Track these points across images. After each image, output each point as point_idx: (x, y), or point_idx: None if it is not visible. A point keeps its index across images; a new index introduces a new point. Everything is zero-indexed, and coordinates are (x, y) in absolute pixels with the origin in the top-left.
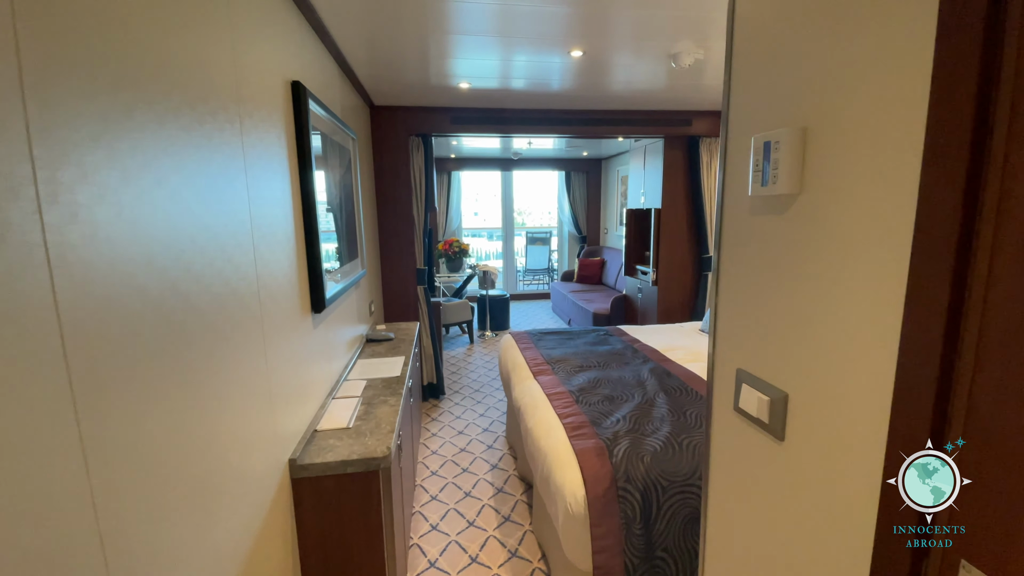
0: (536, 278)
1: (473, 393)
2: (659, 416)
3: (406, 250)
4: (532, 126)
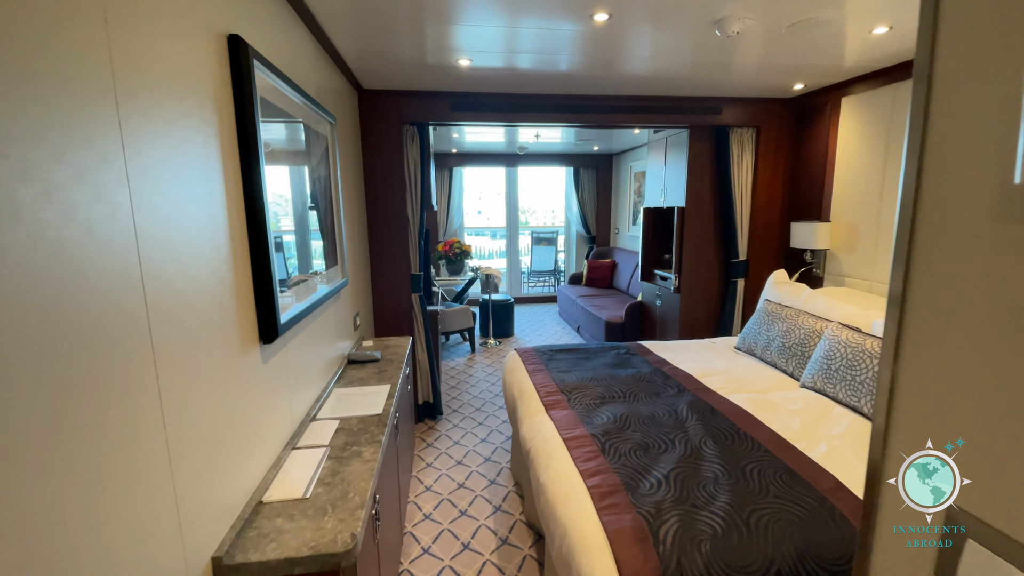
0: (542, 280)
1: (474, 413)
2: (711, 475)
3: (399, 254)
4: (540, 113)
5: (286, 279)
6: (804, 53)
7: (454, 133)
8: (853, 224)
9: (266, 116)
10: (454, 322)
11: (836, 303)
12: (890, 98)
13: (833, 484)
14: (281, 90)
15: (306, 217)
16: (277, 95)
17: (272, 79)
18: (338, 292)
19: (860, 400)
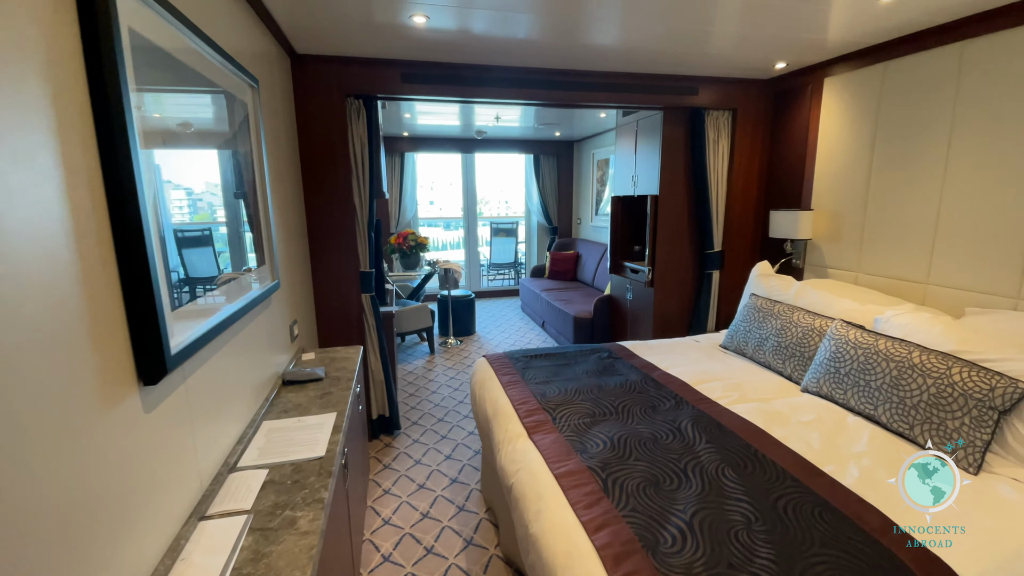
0: (502, 273)
1: (436, 424)
2: (741, 518)
3: (345, 249)
4: (501, 88)
5: (214, 277)
6: (791, 23)
7: (406, 114)
8: (837, 213)
9: (167, 82)
10: (410, 322)
11: (831, 297)
12: (879, 78)
13: (880, 522)
14: (178, 37)
15: (236, 208)
16: (143, 21)
17: (160, 15)
18: (267, 297)
19: (876, 408)
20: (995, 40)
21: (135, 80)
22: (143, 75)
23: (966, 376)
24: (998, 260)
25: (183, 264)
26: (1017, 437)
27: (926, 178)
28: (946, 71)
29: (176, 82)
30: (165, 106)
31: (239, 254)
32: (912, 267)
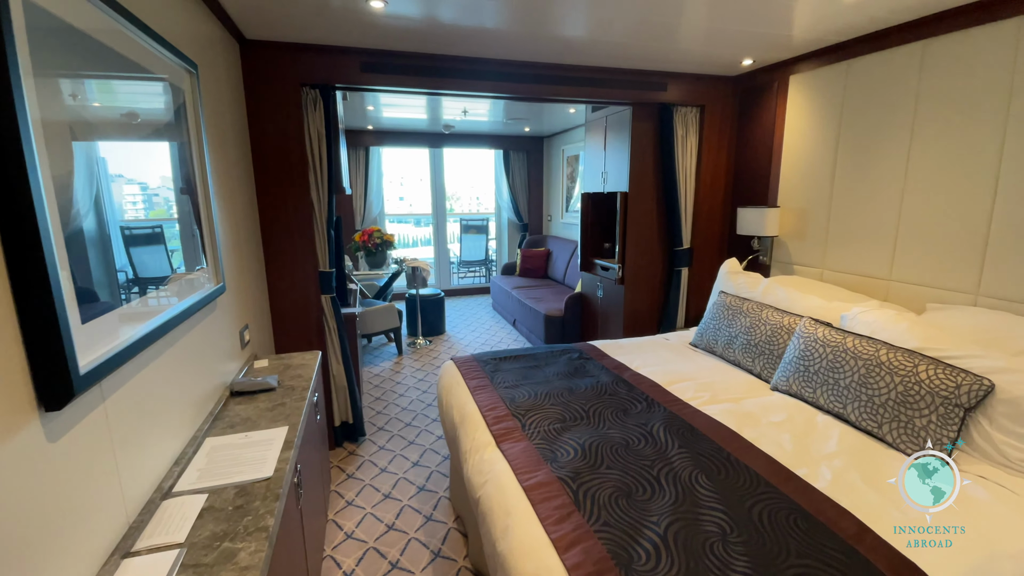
0: (473, 271)
1: (404, 430)
2: (716, 529)
3: (302, 248)
4: (467, 81)
5: (164, 279)
6: (758, 18)
7: (369, 106)
8: (803, 210)
9: (88, 67)
10: (376, 322)
11: (798, 294)
12: (843, 76)
13: (855, 527)
14: (98, 15)
15: (187, 204)
16: (92, 23)
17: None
18: (212, 301)
19: (845, 407)
20: (955, 39)
21: (37, 63)
22: (52, 58)
23: (932, 374)
24: (957, 257)
25: (131, 263)
26: (983, 434)
27: (888, 176)
28: (908, 70)
29: (99, 67)
30: (110, 95)
31: (193, 253)
32: (875, 264)
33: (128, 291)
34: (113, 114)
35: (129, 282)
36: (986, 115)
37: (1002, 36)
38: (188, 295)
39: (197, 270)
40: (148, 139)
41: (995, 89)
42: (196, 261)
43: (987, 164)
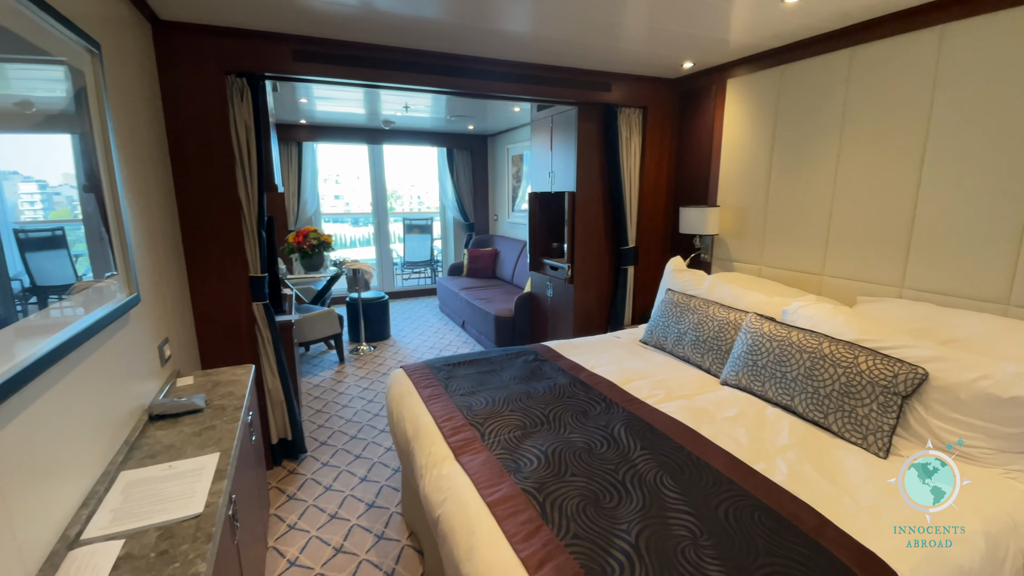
0: (417, 272)
1: (349, 443)
2: (686, 532)
3: (231, 250)
4: (408, 74)
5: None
6: (696, 21)
7: (302, 98)
8: (741, 209)
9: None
10: (315, 330)
11: (741, 290)
12: (777, 80)
13: (815, 520)
14: None
15: (93, 204)
16: None
17: None
18: (124, 314)
19: (793, 399)
20: (880, 47)
21: None
22: None
23: (871, 364)
24: (884, 252)
25: (28, 270)
26: (918, 419)
27: (820, 177)
28: (837, 76)
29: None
30: None
31: (102, 258)
32: (809, 260)
33: (25, 302)
34: (3, 102)
35: (25, 291)
36: (909, 119)
37: (923, 44)
38: (96, 307)
39: (107, 277)
40: (45, 131)
41: (917, 95)
42: (105, 267)
43: (910, 166)
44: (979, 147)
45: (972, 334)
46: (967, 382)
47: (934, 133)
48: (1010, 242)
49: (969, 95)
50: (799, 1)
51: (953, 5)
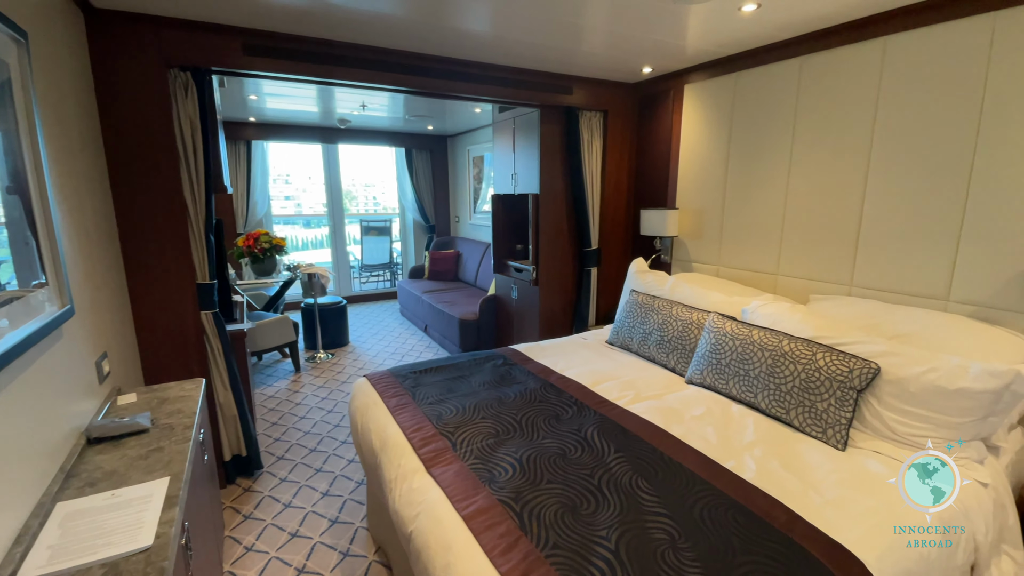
0: (376, 275)
1: (309, 456)
2: (665, 536)
3: (176, 256)
4: (364, 71)
5: None
6: (655, 26)
7: (251, 95)
8: (699, 211)
9: None
10: (269, 338)
11: (702, 291)
12: (732, 87)
13: (786, 515)
14: None
15: (18, 207)
16: None
17: None
18: (56, 328)
19: (756, 396)
20: (828, 57)
21: None
22: None
23: (828, 360)
24: (833, 252)
25: None
26: (872, 412)
27: (774, 180)
28: (788, 84)
29: None
30: None
31: (28, 265)
32: (764, 260)
33: None
34: None
35: None
36: (856, 126)
37: (868, 55)
38: (23, 321)
39: (34, 286)
40: None
41: (862, 103)
42: (33, 275)
43: (857, 171)
44: (918, 153)
45: (917, 329)
46: (916, 375)
47: (878, 139)
48: (948, 242)
49: (910, 103)
50: (754, 11)
51: (894, 18)
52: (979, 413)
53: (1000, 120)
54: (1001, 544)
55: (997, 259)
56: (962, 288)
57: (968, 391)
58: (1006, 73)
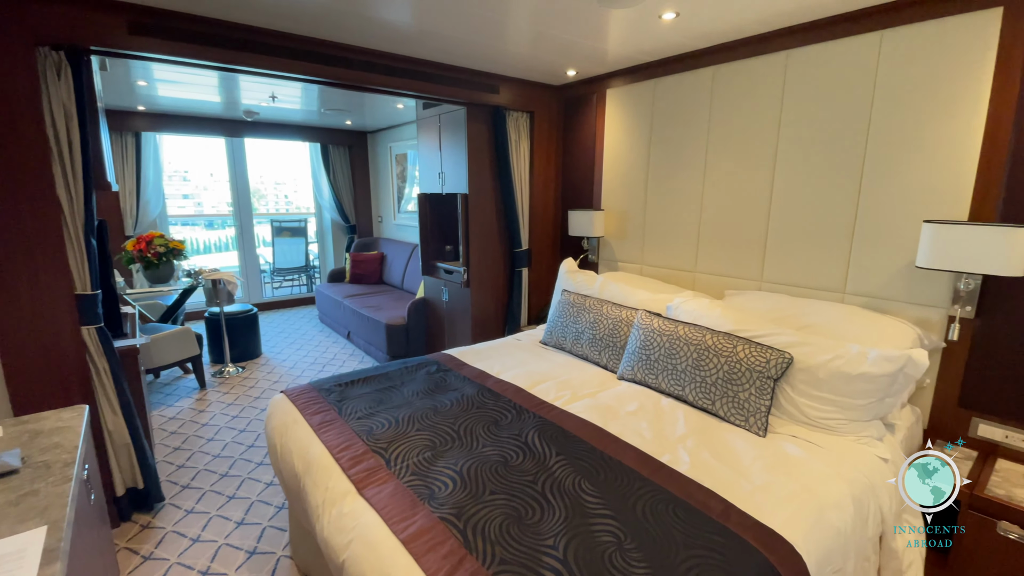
0: (291, 279)
1: (219, 482)
2: (611, 539)
3: (46, 264)
4: (271, 58)
5: None
6: (575, 26)
7: (139, 80)
8: (623, 212)
9: None
10: (167, 352)
11: (629, 289)
12: (651, 92)
13: (721, 505)
14: None
15: None
16: None
17: None
18: None
19: (684, 389)
20: (738, 67)
21: None
22: None
23: (748, 352)
24: (744, 250)
25: None
26: (787, 399)
27: (691, 183)
28: (702, 91)
29: None
30: None
31: None
32: (683, 258)
33: None
34: None
35: None
36: (763, 132)
37: (773, 67)
38: None
39: None
40: None
41: (768, 111)
42: None
43: (765, 174)
44: (817, 159)
45: (820, 320)
46: (823, 363)
47: (782, 146)
48: (843, 240)
49: (809, 113)
50: (674, 19)
51: (795, 34)
52: (878, 395)
53: (884, 128)
54: (902, 514)
55: (883, 255)
56: (856, 281)
57: (868, 375)
58: (889, 86)
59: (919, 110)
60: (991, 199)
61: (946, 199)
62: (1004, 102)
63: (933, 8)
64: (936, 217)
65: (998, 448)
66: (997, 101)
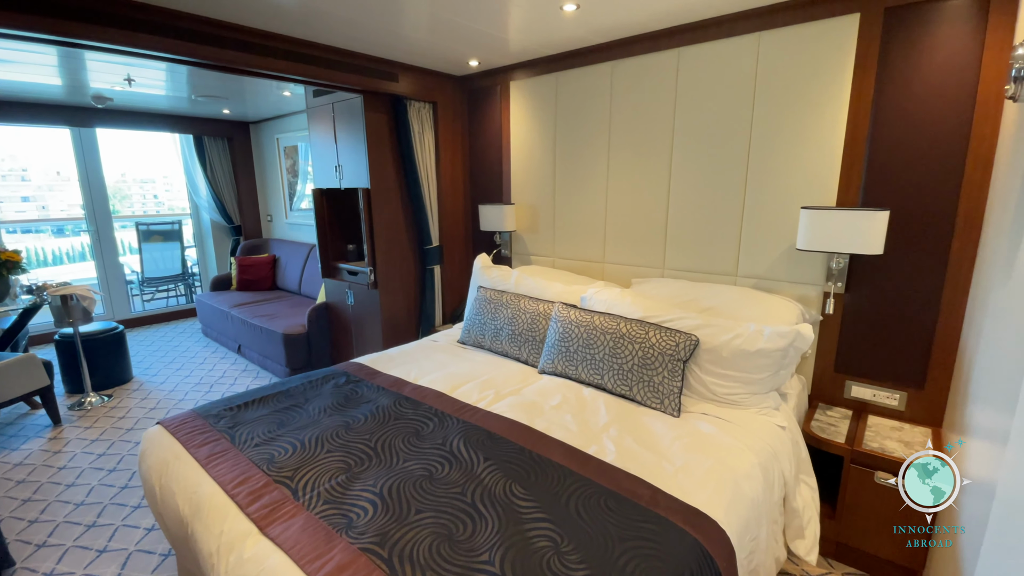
0: (164, 290)
1: (85, 536)
2: (548, 543)
3: None
4: (128, 32)
5: None
6: (473, 13)
7: None
8: (533, 206)
9: None
10: (6, 386)
11: (544, 282)
12: (554, 86)
13: (649, 491)
14: None
15: None
16: None
17: None
18: None
19: (603, 377)
20: (634, 63)
21: None
22: None
23: (659, 338)
24: (647, 240)
25: None
26: (696, 379)
27: (596, 176)
28: (602, 86)
29: None
30: None
31: None
32: (592, 250)
33: None
34: None
35: None
36: (659, 128)
37: (666, 64)
38: None
39: None
40: None
41: (663, 107)
42: None
43: (662, 167)
44: (708, 151)
45: (719, 302)
46: (725, 342)
47: (678, 140)
48: (734, 227)
49: (699, 108)
50: (574, 11)
51: (685, 32)
52: (773, 368)
53: (765, 123)
54: (800, 475)
55: (768, 240)
56: (746, 264)
57: (764, 351)
58: (767, 84)
59: (793, 106)
60: (853, 186)
61: (818, 187)
62: (862, 99)
63: (802, 12)
64: (811, 204)
65: (867, 406)
66: (856, 98)
